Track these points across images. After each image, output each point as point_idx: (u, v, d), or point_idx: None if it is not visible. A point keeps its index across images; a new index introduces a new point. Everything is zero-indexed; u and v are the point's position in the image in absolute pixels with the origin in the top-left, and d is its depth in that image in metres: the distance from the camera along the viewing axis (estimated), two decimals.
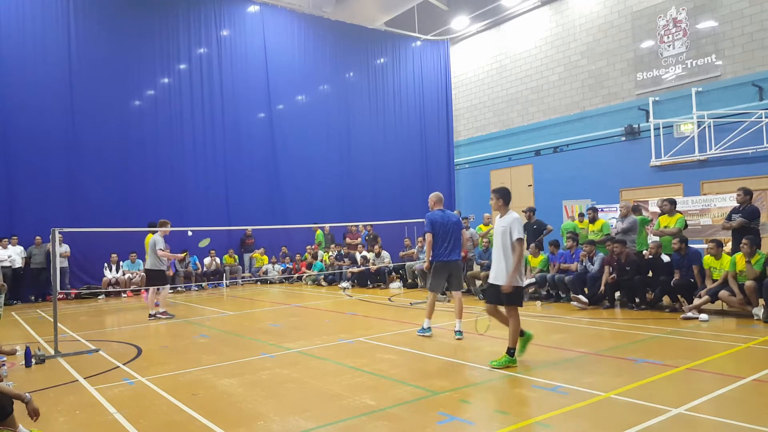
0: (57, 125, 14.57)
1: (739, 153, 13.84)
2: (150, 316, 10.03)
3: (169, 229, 10.68)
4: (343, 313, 10.30)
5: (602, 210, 14.16)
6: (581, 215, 11.48)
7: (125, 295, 14.43)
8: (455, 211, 14.43)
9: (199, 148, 16.85)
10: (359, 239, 16.76)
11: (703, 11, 14.81)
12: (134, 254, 15.11)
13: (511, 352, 5.61)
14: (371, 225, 16.66)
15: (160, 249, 10.16)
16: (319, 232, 17.66)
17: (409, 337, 7.48)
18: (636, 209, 11.19)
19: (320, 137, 19.38)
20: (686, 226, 9.78)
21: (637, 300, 9.31)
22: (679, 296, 8.92)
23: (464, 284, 12.63)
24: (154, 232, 10.62)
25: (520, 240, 5.57)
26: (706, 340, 6.75)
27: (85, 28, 15.11)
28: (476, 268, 12.33)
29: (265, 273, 17.00)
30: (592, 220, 10.90)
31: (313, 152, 19.10)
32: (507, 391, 4.91)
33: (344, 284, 14.77)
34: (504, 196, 5.92)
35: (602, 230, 10.62)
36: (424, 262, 8.26)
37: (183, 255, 10.15)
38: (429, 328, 7.51)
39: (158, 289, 10.24)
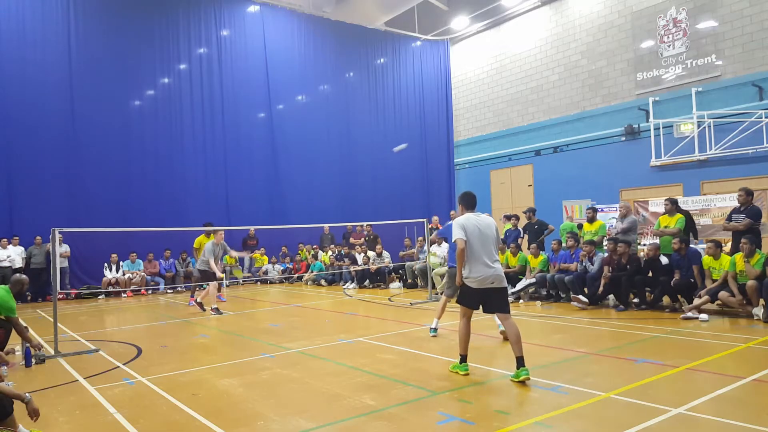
0: (57, 125, 14.58)
1: (739, 153, 13.84)
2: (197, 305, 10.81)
3: (220, 230, 11.28)
4: (343, 313, 10.30)
5: (602, 210, 14.15)
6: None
7: (125, 295, 14.42)
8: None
9: (199, 148, 16.85)
10: (363, 239, 16.75)
11: (703, 11, 14.81)
12: (134, 254, 15.12)
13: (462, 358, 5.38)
14: (370, 225, 16.66)
15: (204, 258, 10.78)
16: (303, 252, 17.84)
17: (409, 337, 7.47)
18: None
19: (320, 137, 19.38)
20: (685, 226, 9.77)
21: (636, 300, 9.31)
22: (679, 296, 8.92)
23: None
24: (207, 233, 12.02)
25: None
26: (706, 340, 6.75)
27: (85, 27, 15.11)
28: None
29: (265, 273, 17.00)
30: (591, 220, 10.90)
31: (313, 152, 19.10)
32: (507, 391, 4.90)
33: (349, 285, 14.82)
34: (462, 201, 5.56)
35: (598, 231, 10.63)
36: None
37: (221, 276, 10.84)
38: (436, 328, 7.51)
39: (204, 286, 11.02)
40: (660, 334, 7.07)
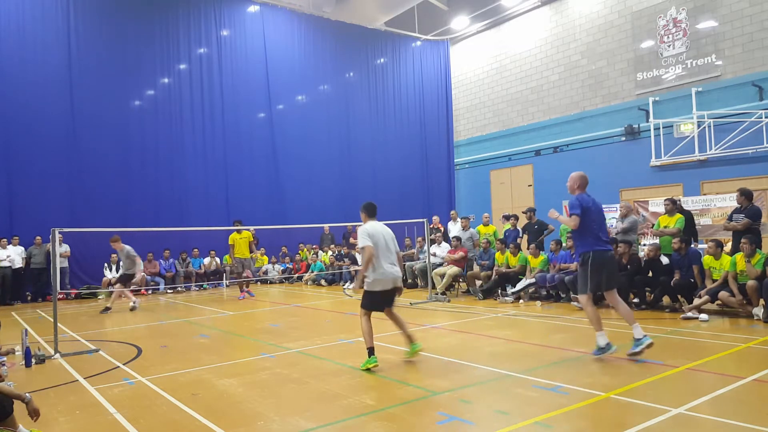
0: (57, 125, 14.57)
1: (739, 153, 13.84)
2: None
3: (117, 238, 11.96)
4: (343, 313, 10.29)
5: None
6: None
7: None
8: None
9: (199, 148, 16.85)
10: None
11: (703, 11, 14.81)
12: None
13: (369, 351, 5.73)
14: None
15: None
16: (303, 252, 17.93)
17: None
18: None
19: (320, 137, 19.38)
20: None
21: (636, 300, 9.30)
22: (679, 296, 8.92)
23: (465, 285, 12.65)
24: (239, 231, 13.10)
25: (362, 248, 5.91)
26: (706, 340, 6.75)
27: (85, 28, 15.11)
28: (476, 268, 12.33)
29: (265, 273, 17.00)
30: None
31: (313, 152, 19.10)
32: (507, 391, 4.90)
33: (349, 285, 14.78)
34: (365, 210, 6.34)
35: None
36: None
37: None
38: (609, 344, 5.85)
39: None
40: (660, 334, 7.06)
